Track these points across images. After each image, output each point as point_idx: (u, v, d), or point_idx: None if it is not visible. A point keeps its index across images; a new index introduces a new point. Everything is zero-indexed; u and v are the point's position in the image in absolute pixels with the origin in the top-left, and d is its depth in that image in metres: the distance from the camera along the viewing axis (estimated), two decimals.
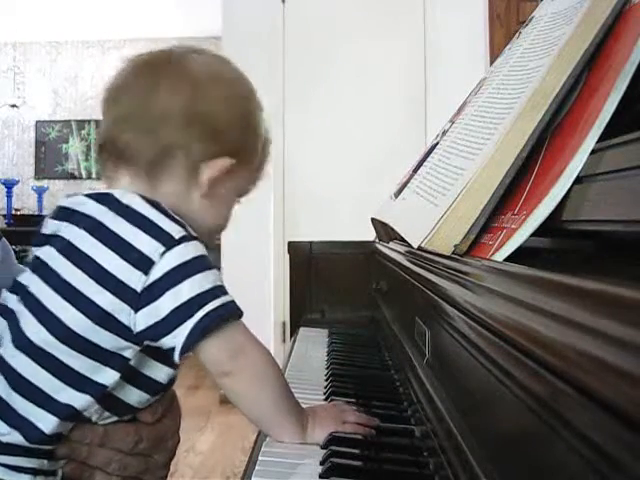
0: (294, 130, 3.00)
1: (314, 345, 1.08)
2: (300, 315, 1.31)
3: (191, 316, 0.51)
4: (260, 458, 0.54)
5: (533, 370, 0.28)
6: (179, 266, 0.52)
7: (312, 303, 1.32)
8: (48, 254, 0.55)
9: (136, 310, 0.52)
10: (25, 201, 5.75)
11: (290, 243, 1.38)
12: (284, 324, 2.92)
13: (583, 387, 0.23)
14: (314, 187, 2.98)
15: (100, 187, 0.61)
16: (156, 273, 0.52)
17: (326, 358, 0.97)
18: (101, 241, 0.53)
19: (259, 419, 0.57)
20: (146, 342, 0.54)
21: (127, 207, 0.54)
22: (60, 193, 5.90)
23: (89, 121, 6.07)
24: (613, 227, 0.37)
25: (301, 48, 3.04)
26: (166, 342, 0.53)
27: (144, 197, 0.55)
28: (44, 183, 5.68)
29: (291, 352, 1.02)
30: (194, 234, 0.55)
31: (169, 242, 0.52)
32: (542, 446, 0.28)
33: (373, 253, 1.21)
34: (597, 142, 0.42)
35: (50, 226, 0.57)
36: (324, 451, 0.55)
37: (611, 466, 0.20)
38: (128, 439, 0.57)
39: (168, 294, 0.51)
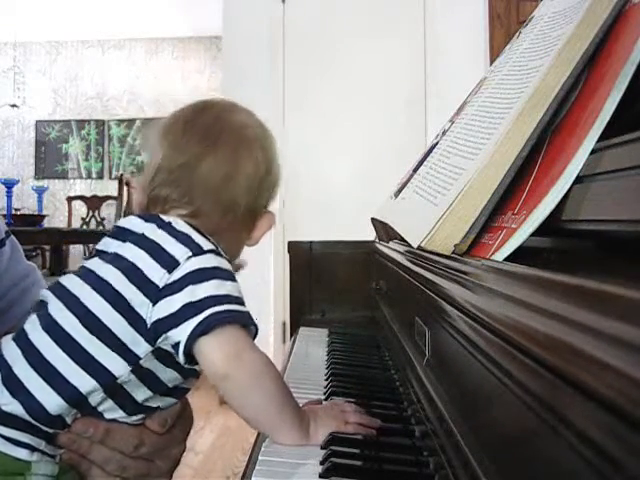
0: (294, 130, 3.00)
1: (314, 345, 1.08)
2: (300, 315, 1.31)
3: (200, 313, 0.54)
4: (260, 458, 0.54)
5: (533, 369, 0.28)
6: (200, 270, 0.56)
7: (312, 303, 1.32)
8: (94, 263, 0.60)
9: (154, 303, 0.55)
10: (25, 201, 5.75)
11: (290, 243, 1.38)
12: (284, 324, 2.92)
13: (583, 387, 0.23)
14: (314, 187, 2.98)
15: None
16: (178, 273, 0.56)
17: (326, 358, 0.97)
18: (139, 246, 0.58)
19: (258, 424, 0.57)
20: (158, 341, 0.56)
21: (168, 223, 0.60)
22: (60, 193, 5.91)
23: (89, 121, 6.08)
24: (613, 227, 0.37)
25: (301, 48, 3.04)
26: (173, 335, 0.54)
27: (186, 221, 0.61)
28: (44, 183, 5.67)
29: (291, 352, 1.02)
30: (224, 255, 0.60)
31: (197, 249, 0.57)
32: (542, 445, 0.28)
33: (373, 253, 1.21)
34: (597, 142, 0.42)
35: (103, 242, 0.62)
36: (324, 451, 0.55)
37: (611, 466, 0.20)
38: (129, 441, 0.58)
39: (185, 290, 0.55)
